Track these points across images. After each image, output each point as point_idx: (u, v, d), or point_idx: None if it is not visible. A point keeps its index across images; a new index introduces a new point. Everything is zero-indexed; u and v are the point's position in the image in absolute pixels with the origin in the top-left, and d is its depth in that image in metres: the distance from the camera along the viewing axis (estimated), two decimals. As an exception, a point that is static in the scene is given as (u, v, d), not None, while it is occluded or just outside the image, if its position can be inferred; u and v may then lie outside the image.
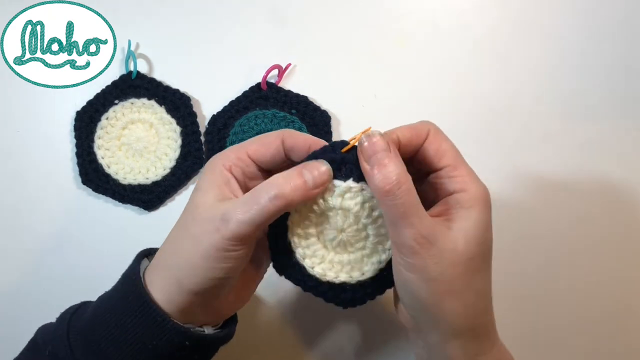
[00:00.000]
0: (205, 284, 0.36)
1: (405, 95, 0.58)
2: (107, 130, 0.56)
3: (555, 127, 0.57)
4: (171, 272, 0.37)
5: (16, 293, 0.56)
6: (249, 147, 0.39)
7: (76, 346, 0.38)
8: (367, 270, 0.39)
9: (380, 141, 0.35)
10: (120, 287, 0.40)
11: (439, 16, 0.59)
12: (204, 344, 0.39)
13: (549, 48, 0.58)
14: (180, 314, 0.38)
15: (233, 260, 0.36)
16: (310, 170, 0.36)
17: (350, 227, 0.39)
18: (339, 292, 0.40)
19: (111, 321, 0.38)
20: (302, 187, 0.35)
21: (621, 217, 0.57)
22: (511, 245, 0.55)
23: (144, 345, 0.37)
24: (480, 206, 0.36)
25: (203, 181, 0.38)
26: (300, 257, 0.40)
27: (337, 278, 0.39)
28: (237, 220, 0.35)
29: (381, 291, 0.41)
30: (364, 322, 0.56)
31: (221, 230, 0.35)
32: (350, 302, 0.40)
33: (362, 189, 0.37)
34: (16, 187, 0.57)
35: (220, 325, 0.42)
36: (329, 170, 0.36)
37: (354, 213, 0.38)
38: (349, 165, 0.37)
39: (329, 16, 0.59)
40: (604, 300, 0.56)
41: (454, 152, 0.38)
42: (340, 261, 0.40)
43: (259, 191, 0.35)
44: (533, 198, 0.57)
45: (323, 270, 0.40)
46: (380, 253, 0.39)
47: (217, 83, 0.58)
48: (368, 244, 0.39)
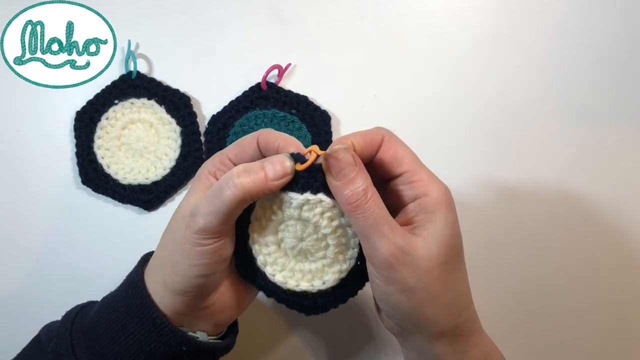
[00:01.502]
0: (187, 283, 0.37)
1: (405, 95, 0.58)
2: (107, 130, 0.56)
3: (555, 127, 0.57)
4: (157, 274, 0.38)
5: (16, 292, 0.56)
6: (229, 152, 0.40)
7: (78, 344, 0.38)
8: (328, 279, 0.39)
9: (347, 156, 0.35)
10: (123, 289, 0.40)
11: (439, 16, 0.59)
12: (202, 352, 0.39)
13: (548, 48, 0.58)
14: (174, 317, 0.38)
15: (208, 256, 0.37)
16: (272, 163, 0.36)
17: (309, 237, 0.39)
18: (301, 299, 0.40)
19: (113, 322, 0.38)
20: (262, 179, 0.36)
21: (619, 217, 0.57)
22: (511, 243, 0.55)
23: (141, 349, 0.37)
24: (444, 207, 0.36)
25: (191, 188, 0.40)
26: (261, 264, 0.40)
27: (297, 286, 0.40)
28: (203, 212, 0.36)
29: (344, 300, 0.41)
30: (356, 321, 0.56)
31: (190, 225, 0.36)
32: (312, 309, 0.41)
33: (320, 200, 0.37)
34: (16, 187, 0.57)
35: (222, 334, 0.42)
36: (292, 165, 0.36)
37: (313, 223, 0.38)
38: (308, 176, 0.37)
39: (329, 16, 0.59)
40: (582, 296, 0.56)
41: (411, 157, 0.38)
42: (301, 270, 0.40)
43: (220, 182, 0.36)
44: (533, 198, 0.57)
45: (284, 278, 0.40)
46: (341, 263, 0.39)
47: (217, 83, 0.58)
48: (329, 253, 0.39)
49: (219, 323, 0.42)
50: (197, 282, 0.37)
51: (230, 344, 0.42)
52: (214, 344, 0.40)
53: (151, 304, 0.38)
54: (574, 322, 0.56)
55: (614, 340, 0.56)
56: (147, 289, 0.38)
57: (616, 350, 0.56)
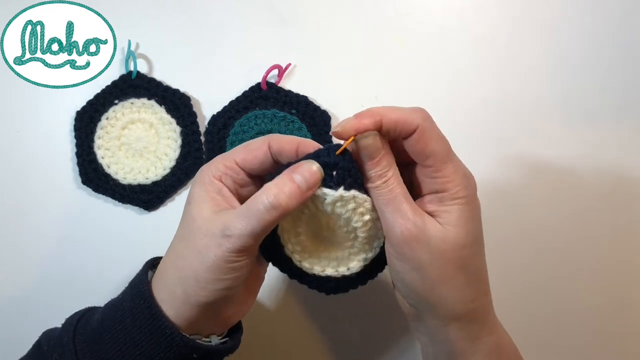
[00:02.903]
0: (213, 296, 0.37)
1: (405, 95, 0.58)
2: (107, 130, 0.56)
3: (555, 127, 0.57)
4: (178, 286, 0.37)
5: (16, 292, 0.56)
6: (237, 156, 0.39)
7: (83, 356, 0.38)
8: (353, 266, 0.40)
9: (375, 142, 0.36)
10: (129, 298, 0.39)
11: (439, 16, 0.59)
12: (210, 356, 0.39)
13: (548, 48, 0.58)
14: (189, 326, 0.38)
15: (239, 270, 0.36)
16: (301, 173, 0.36)
17: (340, 229, 0.39)
18: (323, 282, 0.42)
19: (119, 333, 0.37)
20: (297, 192, 0.35)
21: (619, 213, 0.57)
22: (518, 242, 0.55)
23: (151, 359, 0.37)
24: (462, 202, 0.37)
25: (195, 193, 0.38)
26: (289, 252, 0.40)
27: (323, 272, 0.41)
28: (239, 234, 0.35)
29: (364, 282, 0.42)
30: (366, 312, 0.56)
31: (224, 245, 0.35)
32: (333, 290, 0.42)
33: (354, 196, 0.37)
34: (16, 187, 0.57)
35: (225, 333, 0.42)
36: (320, 169, 0.36)
37: (344, 218, 0.38)
38: (341, 172, 0.36)
39: (329, 16, 0.59)
40: (600, 293, 0.56)
41: (440, 154, 0.37)
42: (328, 257, 0.41)
43: (256, 202, 0.35)
44: (532, 197, 0.57)
45: (310, 265, 0.41)
46: (367, 251, 0.40)
47: (217, 83, 0.58)
48: (357, 243, 0.40)
49: (227, 324, 0.42)
50: (224, 294, 0.37)
51: (236, 343, 0.42)
52: (224, 347, 0.40)
53: (159, 315, 0.37)
54: (578, 325, 0.56)
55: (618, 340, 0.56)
56: (155, 299, 0.37)
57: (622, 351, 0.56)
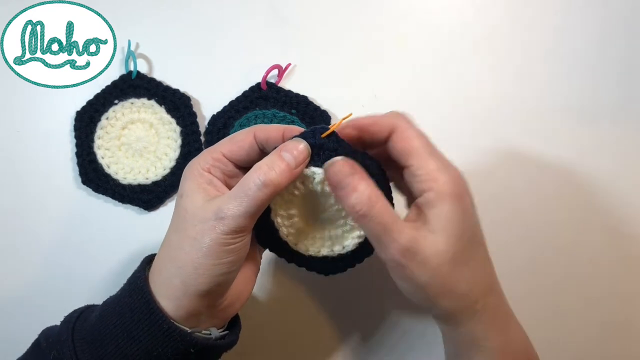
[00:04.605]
0: (211, 282, 0.37)
1: (405, 95, 0.58)
2: (107, 130, 0.56)
3: (554, 127, 0.57)
4: (176, 277, 0.37)
5: (16, 292, 0.56)
6: (223, 148, 0.40)
7: (82, 352, 0.38)
8: (348, 244, 0.41)
9: (343, 167, 0.36)
10: (127, 294, 0.39)
11: (439, 16, 0.59)
12: (209, 351, 0.39)
13: (548, 48, 0.58)
14: (189, 318, 0.38)
15: (235, 252, 0.37)
16: (289, 151, 0.37)
17: (331, 208, 0.40)
18: (320, 263, 0.42)
19: (118, 329, 0.38)
20: (286, 169, 0.36)
21: (619, 213, 0.57)
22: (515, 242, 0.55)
23: (148, 354, 0.37)
24: (448, 200, 0.36)
25: (187, 186, 0.39)
26: (284, 235, 0.41)
27: (319, 253, 0.41)
28: (232, 214, 0.36)
29: (360, 260, 0.42)
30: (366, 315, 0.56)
31: (218, 227, 0.36)
32: (331, 270, 0.43)
33: None
34: (16, 187, 0.57)
35: (225, 327, 0.42)
36: (307, 147, 0.37)
37: (334, 196, 0.38)
38: (327, 152, 0.37)
39: (329, 16, 0.59)
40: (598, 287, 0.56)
41: (420, 150, 0.37)
42: (322, 237, 0.42)
43: (247, 182, 0.36)
44: (531, 197, 0.57)
45: (306, 247, 0.41)
46: (360, 228, 0.40)
47: (217, 83, 0.58)
48: (349, 221, 0.40)
49: (225, 317, 0.42)
50: (222, 279, 0.37)
51: (234, 339, 0.42)
52: (222, 342, 0.40)
53: (157, 309, 0.37)
54: (578, 325, 0.56)
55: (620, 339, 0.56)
56: (152, 294, 0.38)
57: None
